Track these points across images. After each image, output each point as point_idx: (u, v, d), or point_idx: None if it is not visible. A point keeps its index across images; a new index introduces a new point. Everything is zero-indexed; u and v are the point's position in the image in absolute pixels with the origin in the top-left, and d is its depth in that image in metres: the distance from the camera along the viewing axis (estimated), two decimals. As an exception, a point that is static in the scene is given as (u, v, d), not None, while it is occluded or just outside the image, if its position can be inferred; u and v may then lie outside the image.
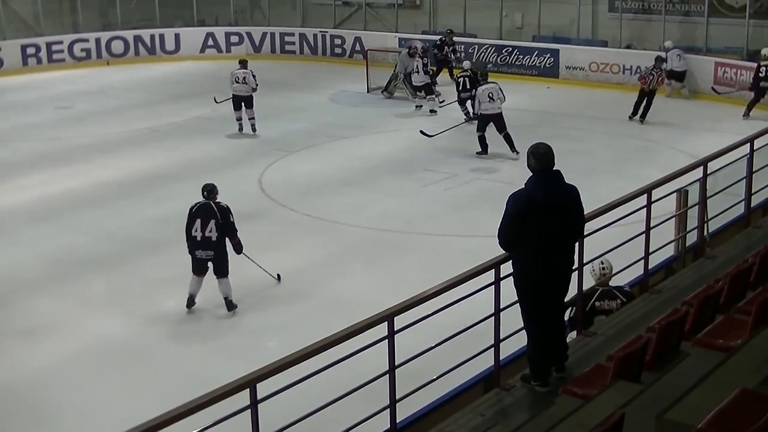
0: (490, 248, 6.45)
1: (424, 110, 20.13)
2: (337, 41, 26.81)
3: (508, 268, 6.06)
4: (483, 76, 17.53)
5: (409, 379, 5.90)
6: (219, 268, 10.29)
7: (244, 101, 18.39)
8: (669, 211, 8.98)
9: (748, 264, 6.87)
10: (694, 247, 9.11)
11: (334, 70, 25.39)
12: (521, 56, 23.62)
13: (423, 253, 12.09)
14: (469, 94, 18.08)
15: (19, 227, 13.49)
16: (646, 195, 7.66)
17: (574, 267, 6.35)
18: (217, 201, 10.32)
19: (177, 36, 27.16)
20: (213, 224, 10.11)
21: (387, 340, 5.60)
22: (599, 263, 7.60)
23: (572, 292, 6.50)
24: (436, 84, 21.49)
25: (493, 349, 6.34)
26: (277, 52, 27.32)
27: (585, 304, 7.43)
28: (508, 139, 16.25)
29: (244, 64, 18.69)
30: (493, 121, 16.35)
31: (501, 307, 6.23)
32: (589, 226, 6.81)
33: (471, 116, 18.17)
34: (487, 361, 6.47)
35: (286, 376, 5.07)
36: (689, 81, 20.85)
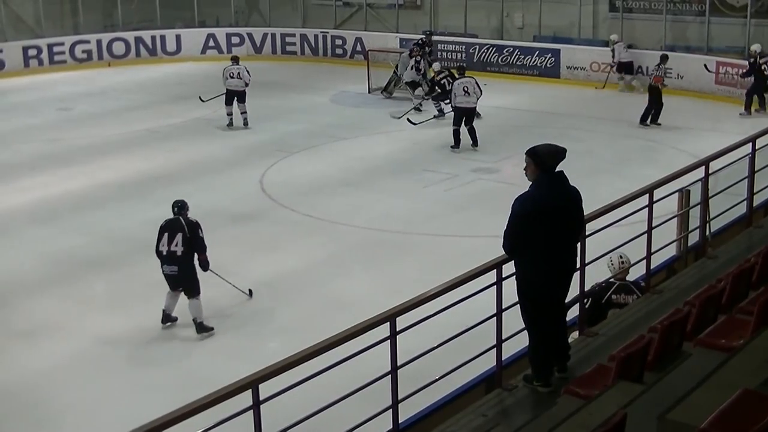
0: (491, 248, 6.45)
1: (431, 109, 19.95)
2: (338, 42, 26.80)
3: (510, 268, 6.05)
4: (460, 70, 17.82)
5: (411, 380, 5.89)
6: (187, 287, 9.98)
7: (237, 96, 18.78)
8: (671, 211, 8.98)
9: (750, 264, 6.85)
10: (695, 247, 9.09)
11: (334, 71, 25.37)
12: (522, 56, 23.61)
13: (423, 253, 12.09)
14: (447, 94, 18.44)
15: (20, 228, 13.49)
16: (647, 195, 7.66)
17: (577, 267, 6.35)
18: (187, 216, 10.07)
19: (178, 37, 27.18)
20: (180, 238, 9.84)
21: (389, 341, 5.59)
22: (618, 256, 7.62)
23: (572, 293, 6.49)
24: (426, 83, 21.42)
25: (495, 350, 6.33)
26: (278, 53, 27.32)
27: (601, 296, 7.45)
28: (472, 133, 16.87)
29: (236, 60, 19.23)
30: (465, 115, 16.82)
31: (503, 307, 6.22)
32: (591, 227, 6.81)
33: (443, 113, 18.73)
34: (489, 362, 6.46)
35: (289, 377, 5.06)
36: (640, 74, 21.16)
